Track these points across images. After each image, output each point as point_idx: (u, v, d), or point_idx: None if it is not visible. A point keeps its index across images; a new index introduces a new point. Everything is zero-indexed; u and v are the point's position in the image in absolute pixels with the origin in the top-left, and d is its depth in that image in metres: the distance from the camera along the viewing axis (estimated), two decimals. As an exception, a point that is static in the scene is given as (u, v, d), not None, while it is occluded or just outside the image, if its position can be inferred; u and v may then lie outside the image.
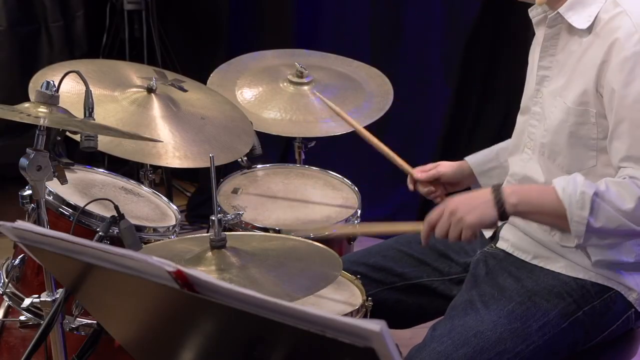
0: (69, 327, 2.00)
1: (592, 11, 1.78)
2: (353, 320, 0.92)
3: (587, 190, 1.70)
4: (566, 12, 1.81)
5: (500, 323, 1.79)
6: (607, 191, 1.70)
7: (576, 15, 1.80)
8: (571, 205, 1.70)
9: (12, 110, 1.71)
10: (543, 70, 1.90)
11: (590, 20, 1.78)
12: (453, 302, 1.90)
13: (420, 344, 1.81)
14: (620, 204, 1.69)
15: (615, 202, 1.69)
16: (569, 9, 1.81)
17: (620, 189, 1.71)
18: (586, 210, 1.69)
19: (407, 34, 3.78)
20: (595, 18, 1.78)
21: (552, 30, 1.87)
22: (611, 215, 1.69)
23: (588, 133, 1.80)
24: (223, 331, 1.15)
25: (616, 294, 1.86)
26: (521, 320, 1.79)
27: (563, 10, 1.82)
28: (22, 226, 1.20)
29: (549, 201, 1.74)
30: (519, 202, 1.75)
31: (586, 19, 1.79)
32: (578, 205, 1.70)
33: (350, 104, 2.62)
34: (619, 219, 1.69)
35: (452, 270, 2.05)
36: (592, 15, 1.78)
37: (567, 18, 1.81)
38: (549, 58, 1.89)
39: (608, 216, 1.69)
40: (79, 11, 3.95)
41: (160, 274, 1.06)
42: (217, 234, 1.68)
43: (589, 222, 1.69)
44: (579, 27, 1.80)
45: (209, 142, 2.23)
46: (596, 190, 1.70)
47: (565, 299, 1.83)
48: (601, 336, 1.87)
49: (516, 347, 1.78)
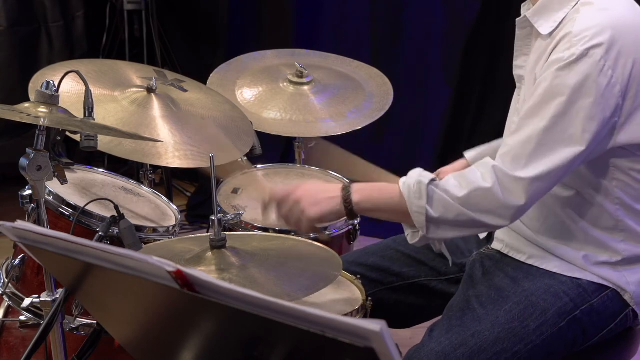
0: (69, 327, 2.00)
1: (558, 17, 1.76)
2: (353, 320, 0.92)
3: (422, 180, 1.72)
4: (533, 16, 1.81)
5: (498, 323, 1.79)
6: (445, 181, 1.73)
7: (542, 20, 1.79)
8: (410, 195, 1.73)
9: (12, 110, 1.71)
10: (518, 70, 1.92)
11: (554, 26, 1.77)
12: (450, 302, 1.90)
13: (419, 345, 1.81)
14: (456, 191, 1.71)
15: (450, 189, 1.71)
16: (535, 13, 1.80)
17: (460, 178, 1.73)
18: (423, 199, 1.71)
19: (407, 34, 3.78)
20: (559, 24, 1.76)
21: (523, 32, 1.87)
22: (447, 203, 1.71)
23: None
24: (223, 331, 1.15)
25: (612, 293, 1.86)
26: (519, 320, 1.80)
27: (530, 14, 1.81)
28: (22, 226, 1.20)
29: (391, 196, 1.77)
30: (361, 200, 1.78)
31: (550, 25, 1.77)
32: (416, 195, 1.72)
33: (350, 104, 2.62)
34: (455, 206, 1.71)
35: (449, 270, 2.05)
36: (556, 22, 1.76)
37: (534, 23, 1.81)
38: (523, 57, 1.89)
39: (444, 204, 1.71)
40: (79, 11, 3.95)
41: (160, 274, 1.06)
42: (217, 234, 1.68)
43: (427, 211, 1.71)
44: (542, 32, 1.79)
45: (209, 142, 2.23)
46: (432, 178, 1.72)
47: (562, 298, 1.83)
48: (599, 335, 1.87)
49: (514, 346, 1.78)
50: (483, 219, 1.72)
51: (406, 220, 1.77)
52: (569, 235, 1.85)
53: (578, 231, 1.84)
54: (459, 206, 1.71)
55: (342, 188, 1.80)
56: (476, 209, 1.71)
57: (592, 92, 1.66)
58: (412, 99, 3.74)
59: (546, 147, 1.69)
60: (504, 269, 1.91)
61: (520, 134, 1.72)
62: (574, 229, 1.84)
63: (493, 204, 1.71)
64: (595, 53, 1.66)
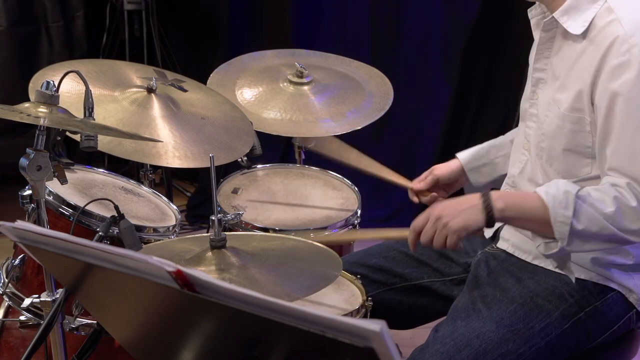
0: (69, 327, 2.00)
1: (588, 17, 1.77)
2: (353, 320, 0.92)
3: (570, 190, 1.71)
4: (561, 16, 1.80)
5: (503, 324, 1.79)
6: (588, 194, 1.72)
7: (571, 20, 1.79)
8: (555, 205, 1.71)
9: (12, 110, 1.71)
10: (538, 73, 1.90)
11: (585, 25, 1.77)
12: (455, 303, 1.90)
13: (423, 346, 1.81)
14: (602, 206, 1.70)
15: (596, 204, 1.70)
16: (563, 13, 1.80)
17: (601, 193, 1.72)
18: (570, 209, 1.70)
19: (407, 34, 3.78)
20: (590, 24, 1.77)
21: (548, 34, 1.87)
22: (593, 217, 1.70)
23: (583, 141, 1.80)
24: (223, 331, 1.15)
25: (617, 295, 1.86)
26: (524, 322, 1.79)
27: (558, 14, 1.81)
28: (22, 226, 1.20)
29: (533, 206, 1.74)
30: (506, 207, 1.75)
31: (581, 25, 1.78)
32: (562, 205, 1.71)
33: (350, 104, 2.62)
34: (601, 221, 1.70)
35: (452, 270, 2.05)
36: (587, 21, 1.77)
37: (562, 23, 1.80)
38: (544, 60, 1.88)
39: (590, 218, 1.70)
40: (79, 11, 3.95)
41: (160, 274, 1.06)
42: (217, 234, 1.68)
43: (572, 223, 1.70)
44: (573, 32, 1.79)
45: (209, 142, 2.23)
46: (578, 192, 1.71)
47: (567, 299, 1.83)
48: (603, 337, 1.87)
49: (519, 348, 1.78)
50: (625, 235, 1.72)
51: (545, 230, 1.74)
52: None
53: None
54: (604, 221, 1.70)
55: (480, 196, 1.76)
56: (620, 226, 1.71)
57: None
58: (412, 99, 3.74)
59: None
60: (509, 268, 1.91)
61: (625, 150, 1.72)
62: None
63: (636, 223, 1.71)
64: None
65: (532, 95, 1.93)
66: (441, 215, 1.75)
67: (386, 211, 3.83)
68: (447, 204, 1.79)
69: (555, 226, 1.71)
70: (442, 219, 1.75)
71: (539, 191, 1.74)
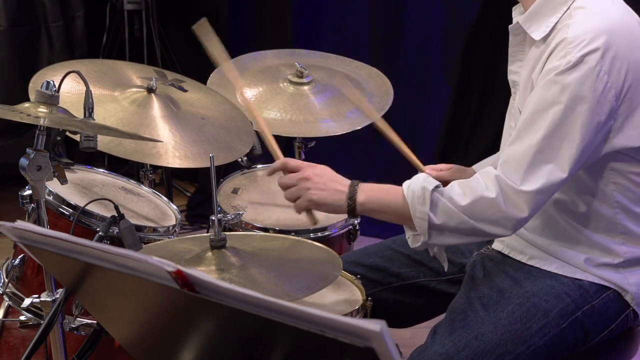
0: (69, 327, 2.00)
1: (551, 22, 1.76)
2: (353, 320, 0.92)
3: (427, 186, 1.73)
4: (525, 22, 1.81)
5: (501, 325, 1.79)
6: (450, 188, 1.73)
7: (535, 25, 1.79)
8: (413, 201, 1.73)
9: (12, 110, 1.71)
10: (512, 75, 1.92)
11: (547, 31, 1.77)
12: (452, 304, 1.90)
13: (422, 347, 1.81)
14: (459, 199, 1.71)
15: (454, 197, 1.72)
16: (527, 19, 1.80)
17: (463, 187, 1.73)
18: (427, 205, 1.71)
19: (407, 34, 3.78)
20: (551, 29, 1.76)
21: (516, 39, 1.88)
22: (450, 211, 1.71)
23: None
24: (223, 331, 1.15)
25: (613, 293, 1.86)
26: (521, 322, 1.80)
27: (522, 20, 1.81)
28: (22, 226, 1.20)
29: (395, 200, 1.77)
30: (367, 201, 1.78)
31: (543, 30, 1.77)
32: (419, 201, 1.72)
33: (350, 104, 2.62)
34: (458, 214, 1.71)
35: (448, 270, 2.05)
36: (549, 26, 1.76)
37: (526, 29, 1.81)
38: (518, 63, 1.90)
39: (447, 212, 1.71)
40: (79, 11, 3.95)
41: (160, 274, 1.06)
42: (217, 234, 1.68)
43: (430, 218, 1.71)
44: (536, 38, 1.79)
45: (209, 142, 2.23)
46: (437, 185, 1.72)
47: (564, 299, 1.83)
48: (600, 336, 1.87)
49: (517, 348, 1.78)
50: (485, 228, 1.72)
51: (408, 223, 1.77)
52: (569, 238, 1.85)
53: (578, 234, 1.84)
54: (462, 214, 1.71)
55: (350, 184, 1.79)
56: (479, 218, 1.71)
57: (588, 98, 1.66)
58: (412, 99, 3.73)
59: (546, 157, 1.69)
60: (505, 269, 1.91)
61: (519, 143, 1.72)
62: (573, 232, 1.84)
63: (496, 214, 1.71)
64: (590, 59, 1.66)
65: (513, 96, 1.95)
66: (310, 179, 1.78)
67: (386, 211, 3.83)
68: (323, 172, 1.81)
69: (415, 221, 1.73)
70: (307, 182, 1.78)
71: (404, 185, 1.76)
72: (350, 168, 2.89)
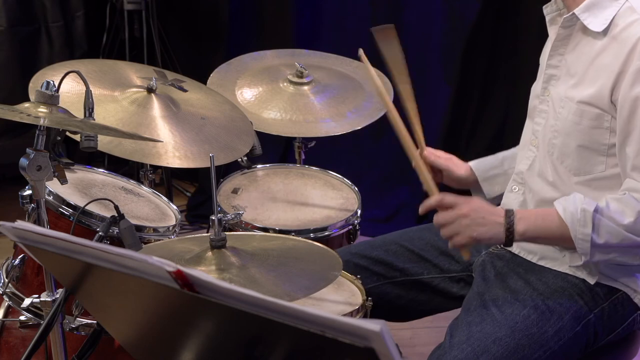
0: (69, 327, 2.00)
1: (609, 14, 1.78)
2: (353, 320, 0.92)
3: (587, 208, 1.73)
4: (582, 13, 1.81)
5: (518, 329, 1.79)
6: (606, 207, 1.73)
7: (592, 17, 1.80)
8: (574, 223, 1.73)
9: (12, 110, 1.71)
10: (551, 69, 1.90)
11: (606, 23, 1.78)
12: (466, 304, 1.89)
13: (439, 352, 1.80)
14: (621, 218, 1.72)
15: (615, 217, 1.72)
16: (584, 10, 1.81)
17: (620, 204, 1.73)
18: (588, 227, 1.72)
19: (407, 34, 3.78)
20: (610, 22, 1.77)
21: (566, 31, 1.86)
22: (613, 230, 1.72)
23: (600, 138, 1.80)
24: (223, 331, 1.15)
25: (623, 295, 1.86)
26: (537, 326, 1.80)
27: (579, 11, 1.81)
28: (22, 226, 1.20)
29: (552, 224, 1.77)
30: (527, 230, 1.78)
31: (602, 22, 1.78)
32: (580, 223, 1.73)
33: (350, 104, 2.62)
34: (621, 232, 1.72)
35: (452, 268, 2.05)
36: (608, 19, 1.78)
37: (583, 20, 1.81)
38: (558, 57, 1.89)
39: (610, 231, 1.72)
40: (79, 11, 3.95)
41: (160, 274, 1.06)
42: (217, 234, 1.68)
43: (592, 239, 1.72)
44: (594, 29, 1.79)
45: (209, 142, 2.23)
46: (596, 207, 1.73)
47: (577, 301, 1.83)
48: (606, 338, 1.88)
49: (534, 353, 1.78)
50: None
51: (568, 244, 1.78)
52: None
53: None
54: (625, 232, 1.72)
55: (505, 215, 1.79)
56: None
57: None
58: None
59: None
60: (515, 269, 1.91)
61: None
62: None
63: None
64: None
65: (542, 92, 1.93)
66: (468, 215, 1.78)
67: (386, 211, 3.84)
68: (479, 206, 1.80)
69: (576, 243, 1.74)
70: (466, 219, 1.77)
71: (558, 208, 1.76)
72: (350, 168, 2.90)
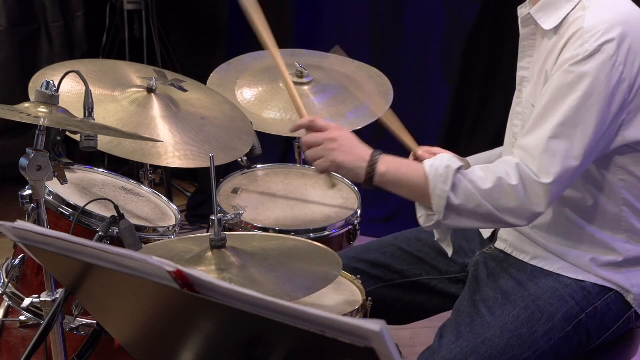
0: (69, 327, 2.00)
1: (562, 13, 1.77)
2: (353, 320, 0.92)
3: (452, 165, 1.72)
4: (536, 13, 1.81)
5: (507, 329, 1.79)
6: (472, 171, 1.73)
7: (546, 16, 1.80)
8: (435, 178, 1.73)
9: (12, 110, 1.71)
10: (522, 71, 1.91)
11: (558, 21, 1.78)
12: (457, 305, 1.90)
13: (428, 352, 1.80)
14: (481, 183, 1.71)
15: (476, 181, 1.72)
16: (539, 10, 1.81)
17: (485, 171, 1.73)
18: (448, 184, 1.71)
19: (407, 34, 3.78)
20: (562, 20, 1.77)
21: (527, 31, 1.88)
22: (470, 193, 1.71)
23: None
24: (223, 331, 1.15)
25: (616, 295, 1.86)
26: (527, 326, 1.79)
27: (534, 11, 1.82)
28: (22, 226, 1.20)
29: (414, 174, 1.77)
30: (388, 171, 1.77)
31: (554, 21, 1.78)
32: (441, 179, 1.72)
33: (350, 104, 2.62)
34: (477, 198, 1.71)
35: (450, 269, 2.05)
36: (560, 17, 1.77)
37: (538, 19, 1.81)
38: (527, 59, 1.90)
39: (467, 194, 1.71)
40: (79, 11, 3.95)
41: (160, 274, 1.06)
42: (217, 234, 1.68)
43: (449, 197, 1.71)
44: (546, 28, 1.80)
45: (209, 142, 2.23)
46: (460, 166, 1.72)
47: (568, 302, 1.83)
48: (602, 338, 1.87)
49: (524, 353, 1.78)
50: (501, 214, 1.72)
51: (424, 201, 1.76)
52: (572, 236, 1.85)
53: (582, 232, 1.84)
54: (481, 198, 1.71)
55: (372, 153, 1.79)
56: (497, 204, 1.71)
57: (603, 88, 1.67)
58: (412, 99, 3.73)
59: (560, 144, 1.69)
60: (507, 269, 1.91)
61: (536, 132, 1.72)
62: (578, 229, 1.84)
63: (514, 202, 1.71)
64: (607, 48, 1.67)
65: (518, 94, 1.94)
66: (337, 140, 1.79)
67: (386, 211, 3.83)
68: (350, 137, 1.82)
69: (433, 198, 1.73)
70: (334, 144, 1.79)
71: (425, 162, 1.76)
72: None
